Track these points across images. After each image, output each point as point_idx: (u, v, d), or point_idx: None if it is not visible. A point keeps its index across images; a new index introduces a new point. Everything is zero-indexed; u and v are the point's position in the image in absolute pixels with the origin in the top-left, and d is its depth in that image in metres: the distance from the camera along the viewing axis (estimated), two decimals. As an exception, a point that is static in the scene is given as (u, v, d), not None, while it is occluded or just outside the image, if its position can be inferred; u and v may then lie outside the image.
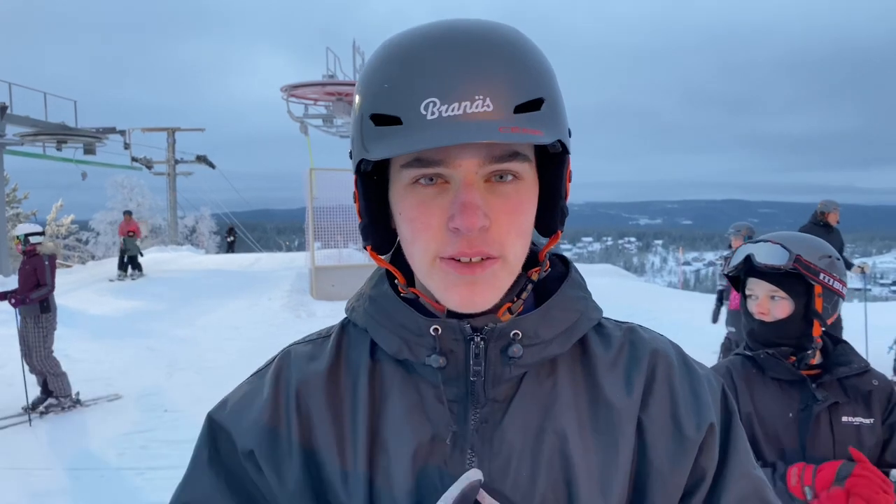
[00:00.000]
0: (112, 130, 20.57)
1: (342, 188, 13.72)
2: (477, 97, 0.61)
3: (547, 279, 0.78)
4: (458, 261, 0.66)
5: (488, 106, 0.61)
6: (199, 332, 9.97)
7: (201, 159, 26.98)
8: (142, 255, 15.60)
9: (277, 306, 11.62)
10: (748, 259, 1.70)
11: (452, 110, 0.61)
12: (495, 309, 0.71)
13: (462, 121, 0.61)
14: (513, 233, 0.67)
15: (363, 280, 0.83)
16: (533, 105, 0.64)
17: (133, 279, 14.84)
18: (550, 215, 0.74)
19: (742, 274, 1.78)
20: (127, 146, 22.19)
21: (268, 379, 0.79)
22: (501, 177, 0.66)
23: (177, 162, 26.83)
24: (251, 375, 0.83)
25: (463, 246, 0.65)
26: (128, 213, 16.76)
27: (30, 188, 30.10)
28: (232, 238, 25.92)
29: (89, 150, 19.73)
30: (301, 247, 20.96)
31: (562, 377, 0.74)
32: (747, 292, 1.76)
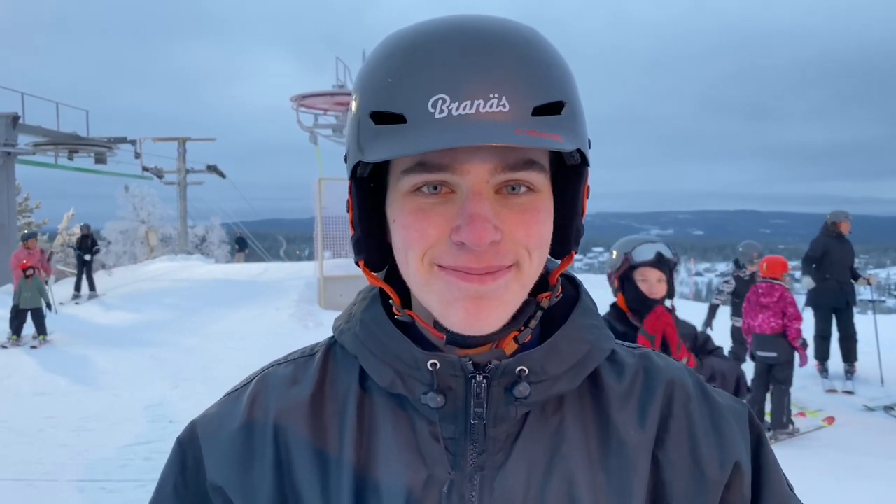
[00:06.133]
0: (123, 140, 20.70)
1: (351, 198, 13.65)
2: (492, 95, 0.54)
3: (555, 304, 0.71)
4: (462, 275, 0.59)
5: (504, 106, 0.55)
6: (206, 342, 9.93)
7: (212, 169, 27.10)
8: (50, 307, 10.07)
9: (285, 316, 11.58)
10: (631, 255, 2.65)
11: (464, 108, 0.54)
12: (500, 332, 0.63)
13: (474, 121, 0.54)
14: (531, 244, 0.60)
15: None
16: (553, 108, 0.57)
17: (34, 347, 9.36)
18: (564, 234, 0.66)
19: (625, 269, 2.67)
20: (138, 155, 22.31)
21: (243, 403, 0.71)
22: (514, 188, 0.59)
23: (187, 171, 26.95)
24: (225, 395, 0.75)
25: (469, 260, 0.58)
26: (31, 238, 10.61)
27: (41, 197, 30.38)
28: (76, 248, 14.22)
29: (100, 160, 19.84)
30: (311, 256, 20.84)
31: (570, 413, 0.67)
32: (640, 278, 2.62)
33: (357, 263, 0.69)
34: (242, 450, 0.69)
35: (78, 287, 14.01)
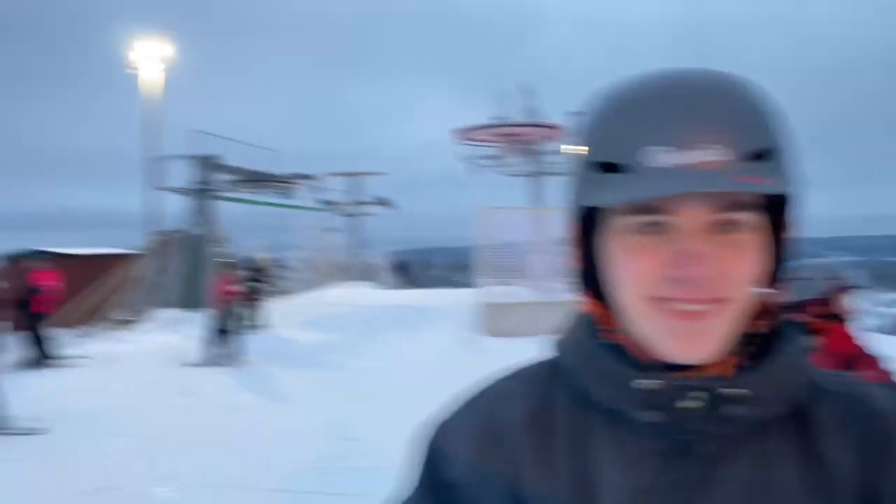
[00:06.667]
0: (305, 176, 22.47)
1: (510, 226, 13.98)
2: (706, 144, 0.60)
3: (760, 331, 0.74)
4: (678, 306, 0.64)
5: (717, 154, 0.60)
6: (374, 364, 10.43)
7: (381, 201, 28.61)
8: (252, 329, 11.41)
9: (448, 341, 11.89)
10: (839, 281, 2.91)
11: (681, 158, 0.61)
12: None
13: (690, 169, 0.60)
14: (743, 279, 0.64)
15: (532, 317, 0.84)
16: (764, 154, 0.62)
17: (229, 366, 10.56)
18: (775, 266, 0.70)
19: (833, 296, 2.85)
20: (317, 190, 24.04)
21: (479, 411, 0.79)
22: (727, 226, 0.63)
23: (359, 204, 28.63)
24: (462, 403, 0.82)
25: (684, 293, 0.63)
26: (232, 266, 11.97)
27: (232, 229, 33.26)
28: None
29: (285, 195, 21.64)
30: (472, 284, 21.27)
31: (775, 438, 0.69)
32: (843, 302, 2.79)
33: (581, 294, 0.76)
34: (481, 453, 0.76)
35: (249, 318, 13.28)
